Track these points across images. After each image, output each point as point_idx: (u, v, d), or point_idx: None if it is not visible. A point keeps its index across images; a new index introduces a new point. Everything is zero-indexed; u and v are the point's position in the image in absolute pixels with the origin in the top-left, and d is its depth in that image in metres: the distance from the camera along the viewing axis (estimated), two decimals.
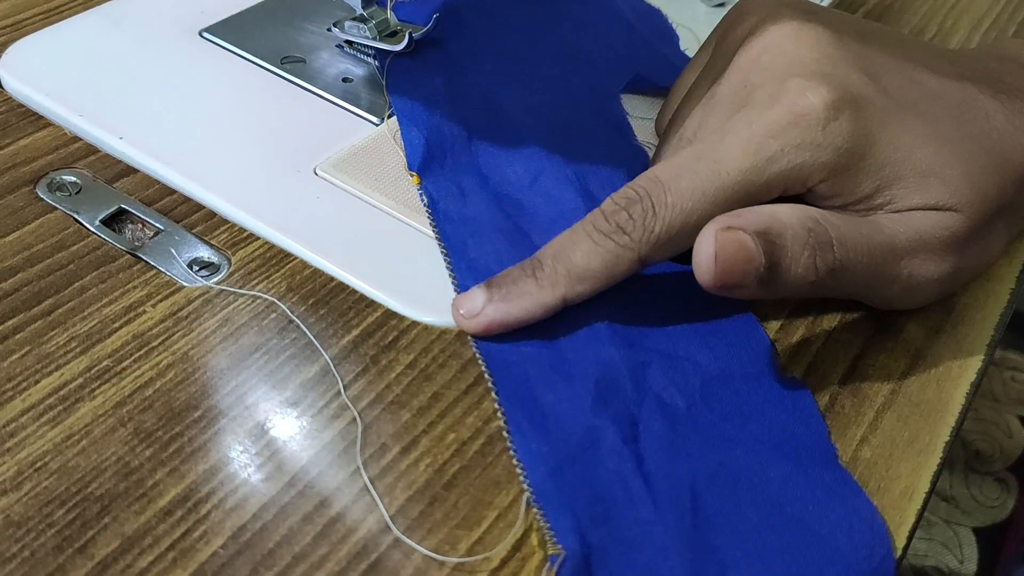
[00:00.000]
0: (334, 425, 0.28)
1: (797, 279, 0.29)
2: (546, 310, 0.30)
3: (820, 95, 0.29)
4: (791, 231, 0.28)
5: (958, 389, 0.31)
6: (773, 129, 0.29)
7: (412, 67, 0.39)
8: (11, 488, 0.25)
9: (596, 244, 0.29)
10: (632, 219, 0.29)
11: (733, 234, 0.27)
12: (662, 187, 0.29)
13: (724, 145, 0.30)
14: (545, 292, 0.30)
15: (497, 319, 0.29)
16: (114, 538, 0.24)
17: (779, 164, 0.29)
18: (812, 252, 0.29)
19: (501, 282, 0.30)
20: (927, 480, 0.28)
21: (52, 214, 0.33)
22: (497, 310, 0.29)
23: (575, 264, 0.30)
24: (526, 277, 0.30)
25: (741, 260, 0.27)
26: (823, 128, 0.29)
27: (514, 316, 0.29)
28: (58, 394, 0.27)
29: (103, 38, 0.40)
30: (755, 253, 0.28)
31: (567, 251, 0.30)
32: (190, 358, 0.29)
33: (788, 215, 0.29)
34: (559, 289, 0.30)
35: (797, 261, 0.28)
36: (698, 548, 0.25)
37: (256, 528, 0.25)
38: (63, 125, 0.36)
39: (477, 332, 0.30)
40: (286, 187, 0.35)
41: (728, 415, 0.28)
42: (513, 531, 0.25)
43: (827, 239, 0.29)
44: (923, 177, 0.30)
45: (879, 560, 0.25)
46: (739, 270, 0.28)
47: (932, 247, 0.30)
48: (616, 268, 0.29)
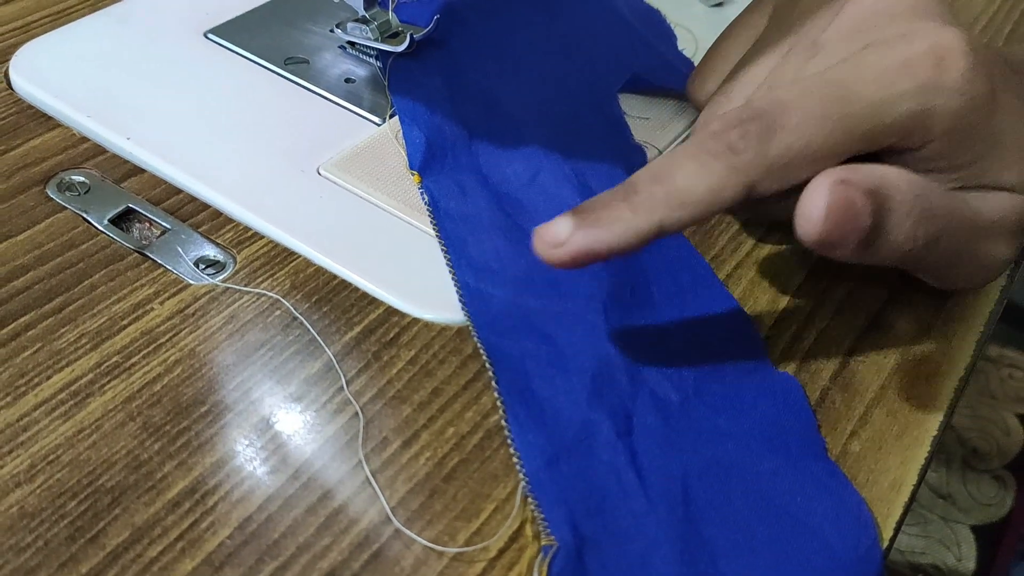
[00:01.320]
0: (337, 420, 0.28)
1: (895, 247, 0.27)
2: (640, 238, 0.26)
3: (960, 39, 0.27)
4: (900, 195, 0.27)
5: (947, 385, 0.32)
6: (910, 61, 0.27)
7: (413, 67, 0.40)
8: (25, 480, 0.26)
9: (702, 165, 0.26)
10: (746, 136, 0.26)
11: (847, 189, 0.25)
12: (784, 107, 0.27)
13: (856, 73, 0.27)
14: (640, 217, 0.26)
15: (585, 247, 0.26)
16: (124, 528, 0.25)
17: (911, 103, 0.27)
18: (916, 220, 0.27)
19: (591, 207, 0.27)
20: (915, 473, 0.29)
21: (62, 213, 0.34)
22: (586, 236, 0.26)
23: (676, 186, 0.26)
24: (619, 201, 0.27)
25: (851, 217, 0.26)
26: (961, 74, 0.27)
27: (604, 243, 0.26)
28: (69, 389, 0.28)
29: (110, 40, 0.41)
30: (864, 212, 0.26)
31: (667, 172, 0.27)
32: (197, 354, 0.30)
33: (898, 177, 0.27)
34: (656, 213, 0.26)
35: (901, 227, 0.27)
36: (689, 539, 0.25)
37: (262, 519, 0.26)
38: (72, 126, 0.37)
39: (564, 262, 0.26)
40: (290, 187, 0.35)
41: (720, 409, 0.29)
42: (510, 522, 0.26)
43: (930, 207, 0.27)
44: (1012, 155, 0.29)
45: (865, 550, 0.26)
46: (847, 228, 0.26)
47: (1009, 228, 0.30)
48: (722, 193, 0.26)
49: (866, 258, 0.27)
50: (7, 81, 0.39)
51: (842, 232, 0.26)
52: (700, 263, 0.34)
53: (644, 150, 0.39)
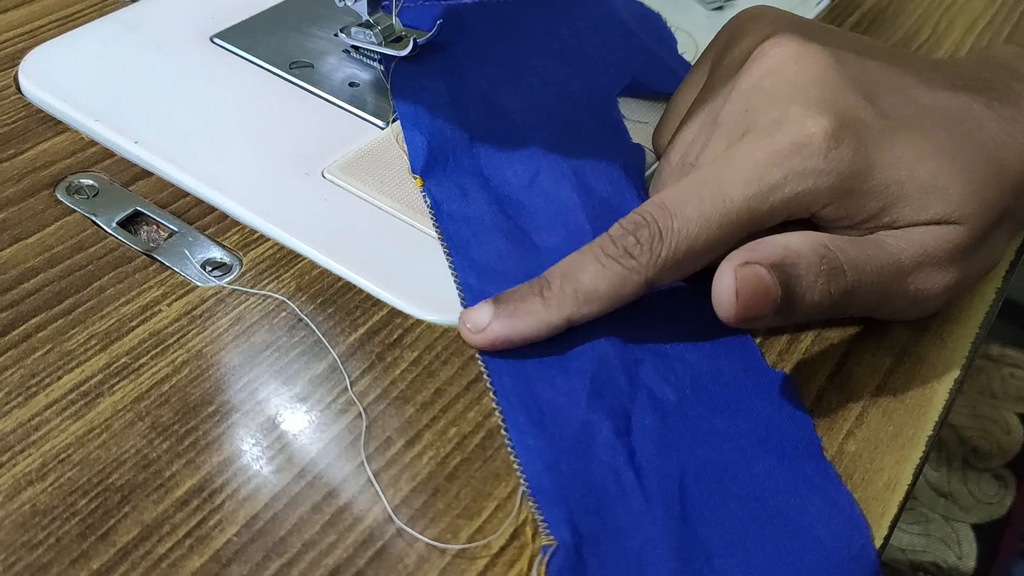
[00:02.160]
0: (341, 419, 0.29)
1: (812, 305, 0.30)
2: (551, 329, 0.30)
3: (820, 124, 0.30)
4: (804, 260, 0.29)
5: (942, 385, 0.32)
6: (776, 157, 0.30)
7: (416, 72, 0.40)
8: (37, 479, 0.26)
9: (603, 267, 0.30)
10: (639, 243, 0.30)
11: (751, 269, 0.28)
12: (668, 213, 0.30)
13: (728, 172, 0.30)
14: (551, 311, 0.30)
15: (503, 336, 0.30)
16: (134, 526, 0.26)
17: (782, 192, 0.30)
18: (826, 279, 0.29)
19: (509, 298, 0.30)
20: (909, 473, 0.29)
21: (71, 216, 0.34)
22: (503, 326, 0.30)
23: (582, 285, 0.30)
24: (533, 295, 0.30)
25: (760, 294, 0.28)
26: (824, 156, 0.30)
27: (519, 333, 0.30)
28: (79, 390, 0.29)
29: (118, 44, 0.41)
30: (772, 286, 0.28)
31: (575, 272, 0.30)
32: (204, 355, 0.30)
33: (799, 244, 0.30)
34: (565, 309, 0.30)
35: (812, 289, 0.29)
36: (685, 538, 0.26)
37: (268, 517, 0.26)
38: (80, 130, 0.37)
39: (482, 347, 0.30)
40: (295, 190, 0.36)
41: (717, 409, 0.29)
42: (511, 520, 0.27)
43: (838, 264, 0.30)
44: (927, 193, 0.31)
45: (858, 549, 0.26)
46: (758, 304, 0.28)
47: (937, 260, 0.31)
48: (623, 290, 0.30)
49: (787, 321, 0.31)
50: (16, 85, 0.39)
51: (756, 308, 0.29)
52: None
53: (643, 149, 0.39)
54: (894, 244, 0.31)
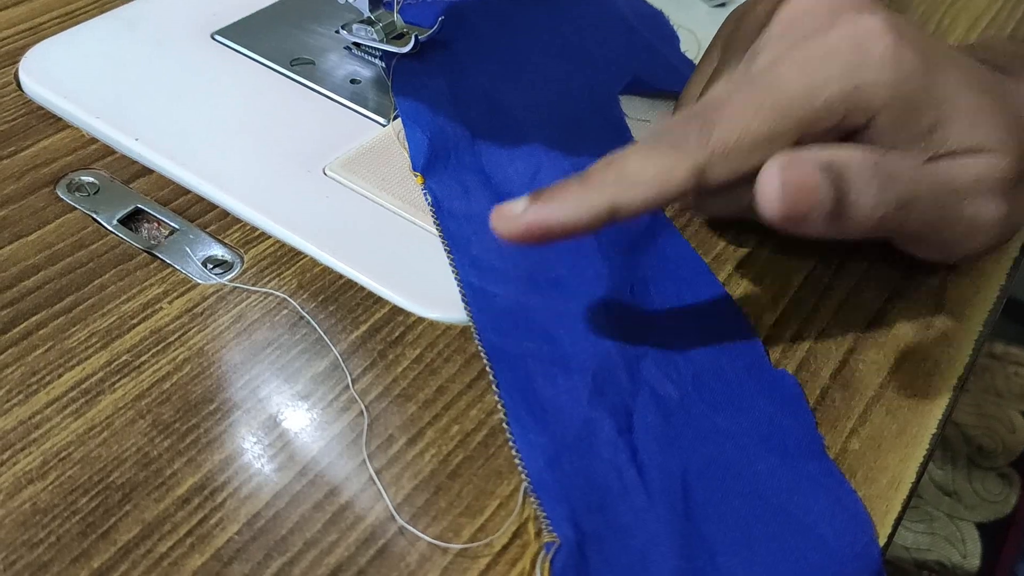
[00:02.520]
0: (343, 417, 0.29)
1: (867, 213, 0.28)
2: (591, 215, 0.27)
3: (878, 19, 0.29)
4: (856, 163, 0.28)
5: (946, 383, 0.32)
6: (834, 50, 0.28)
7: (417, 69, 0.40)
8: (37, 477, 0.26)
9: (650, 151, 0.28)
10: (688, 131, 0.28)
11: (799, 164, 0.27)
12: (717, 103, 0.28)
13: (781, 67, 0.29)
14: (592, 195, 0.27)
15: (539, 221, 0.27)
16: (135, 524, 0.26)
17: (839, 83, 0.28)
18: (882, 184, 0.28)
19: (549, 189, 0.28)
20: (914, 471, 0.29)
21: (71, 214, 0.34)
22: (539, 211, 0.27)
23: (627, 169, 0.28)
24: (572, 183, 0.28)
25: (807, 192, 0.27)
26: (884, 48, 0.28)
27: (557, 219, 0.27)
28: (80, 387, 0.29)
29: (118, 41, 0.41)
30: (822, 184, 0.27)
31: (619, 159, 0.28)
32: (205, 353, 0.30)
33: (852, 149, 0.28)
34: (607, 192, 0.27)
35: (867, 193, 0.28)
36: (688, 536, 0.26)
37: (269, 515, 0.26)
38: (81, 127, 0.37)
39: (518, 235, 0.27)
40: (296, 187, 0.36)
41: (719, 407, 0.29)
42: (513, 519, 0.27)
43: (895, 172, 0.28)
44: (975, 115, 0.30)
45: (862, 547, 0.26)
46: (806, 203, 0.27)
47: (989, 189, 0.30)
48: (670, 176, 0.28)
49: (843, 231, 0.28)
50: (17, 82, 0.39)
51: (804, 206, 0.27)
52: (699, 263, 0.35)
53: None
54: (947, 168, 0.30)
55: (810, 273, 0.35)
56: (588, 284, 0.32)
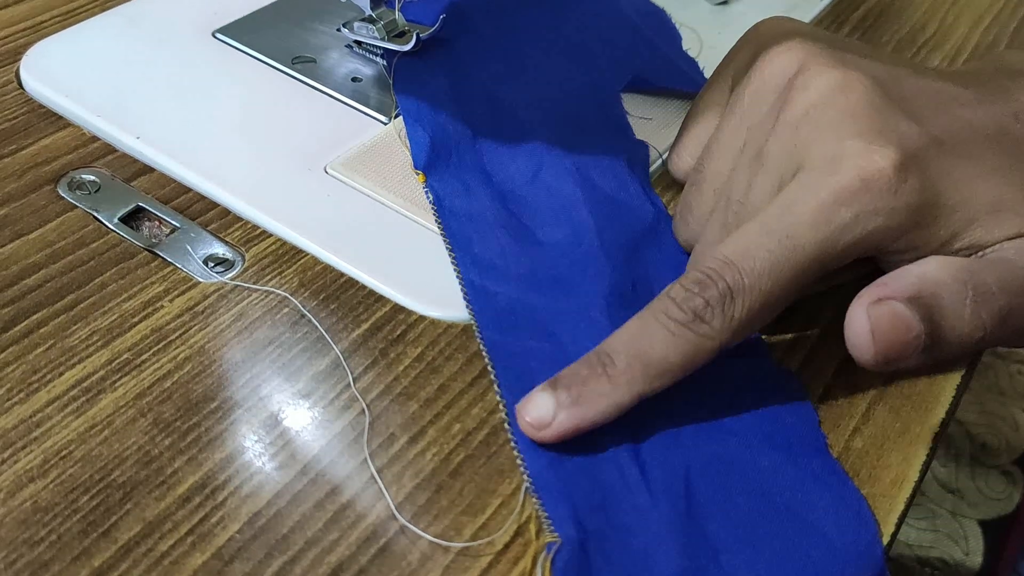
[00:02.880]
0: (344, 416, 0.29)
1: (964, 339, 0.28)
2: (620, 410, 0.27)
3: (887, 157, 0.28)
4: (946, 288, 0.27)
5: (949, 382, 0.32)
6: (843, 196, 0.28)
7: (418, 67, 0.40)
8: (38, 476, 0.26)
9: (674, 335, 0.28)
10: (710, 306, 0.28)
11: (886, 306, 0.27)
12: (736, 269, 0.28)
13: (793, 216, 0.28)
14: (621, 392, 0.27)
15: (571, 427, 0.27)
16: (136, 523, 0.25)
17: (854, 232, 0.28)
18: (974, 305, 0.27)
19: (570, 382, 0.28)
20: (916, 469, 0.29)
21: (72, 212, 0.34)
22: (571, 417, 0.27)
23: (652, 359, 0.27)
24: (597, 376, 0.27)
25: (901, 331, 0.27)
26: (896, 191, 0.28)
27: (589, 421, 0.27)
28: (81, 386, 0.29)
29: (120, 39, 0.41)
30: (913, 322, 0.27)
31: (641, 344, 0.28)
32: (206, 351, 0.30)
33: (936, 271, 0.28)
34: (635, 387, 0.27)
35: (961, 319, 0.27)
36: (691, 534, 0.26)
37: (270, 514, 0.26)
38: (82, 125, 0.37)
39: (552, 441, 0.27)
40: (297, 185, 0.36)
41: (721, 404, 0.29)
42: (514, 517, 0.26)
43: (986, 287, 0.28)
44: (994, 212, 0.29)
45: (866, 545, 0.26)
46: (899, 342, 0.27)
47: None
48: (696, 358, 0.28)
49: (938, 359, 0.28)
50: (18, 81, 0.39)
51: (897, 348, 0.27)
52: None
53: (647, 145, 0.39)
54: (1015, 256, 0.29)
55: None
56: (590, 282, 0.32)
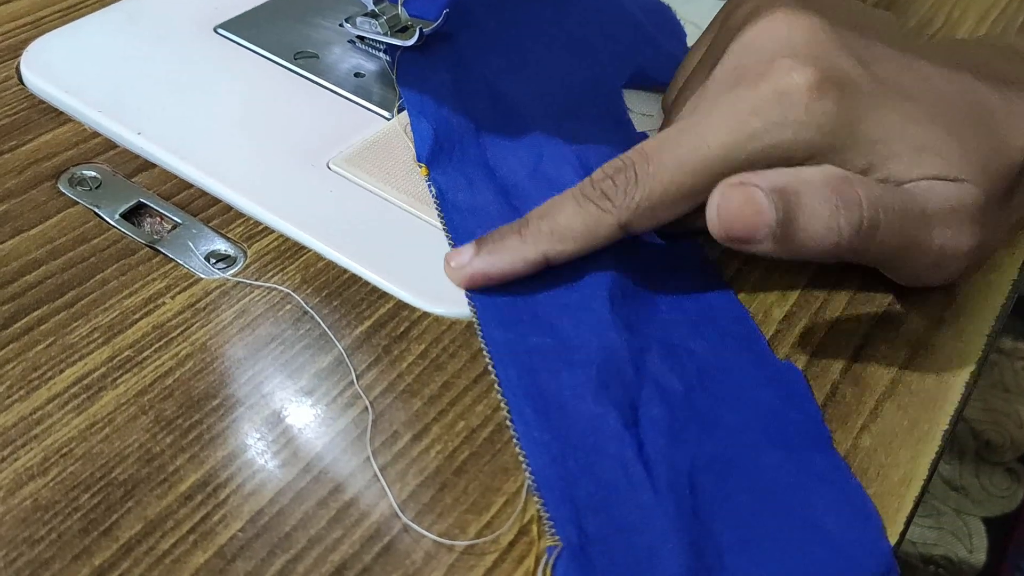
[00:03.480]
0: (347, 413, 0.28)
1: (817, 238, 0.29)
2: (527, 264, 0.31)
3: (804, 74, 0.30)
4: (812, 187, 0.28)
5: (957, 379, 0.32)
6: (756, 106, 0.30)
7: (421, 61, 0.40)
8: (38, 473, 0.26)
9: (580, 206, 0.31)
10: (616, 186, 0.31)
11: (741, 188, 0.28)
12: (646, 158, 0.31)
13: (709, 119, 0.31)
14: (528, 247, 0.31)
15: (481, 270, 0.31)
16: (137, 521, 0.25)
17: (760, 141, 0.30)
18: (835, 211, 0.28)
19: (490, 238, 0.32)
20: (925, 467, 0.29)
21: (73, 208, 0.34)
22: (482, 262, 0.31)
23: (558, 223, 0.31)
24: (512, 233, 0.31)
25: (749, 213, 0.28)
26: (806, 107, 0.30)
27: (497, 268, 0.31)
28: (82, 383, 0.28)
29: (121, 35, 0.41)
30: (765, 207, 0.28)
31: (553, 212, 0.31)
32: (208, 348, 0.30)
33: (812, 173, 0.29)
34: (541, 245, 0.31)
35: (818, 219, 0.28)
36: (696, 532, 0.25)
37: (273, 512, 0.26)
38: (83, 121, 0.37)
39: (463, 283, 0.31)
40: (300, 181, 0.35)
41: (724, 400, 0.29)
42: (518, 515, 0.26)
43: (853, 197, 0.29)
44: (918, 152, 0.30)
45: (871, 541, 0.26)
46: (747, 223, 0.28)
47: (962, 217, 0.30)
48: (597, 231, 0.31)
49: (792, 252, 0.29)
50: (19, 76, 0.39)
51: (744, 226, 0.28)
52: (702, 257, 0.34)
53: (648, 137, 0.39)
54: (921, 194, 0.30)
55: (819, 268, 0.35)
56: (592, 278, 0.32)
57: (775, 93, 0.30)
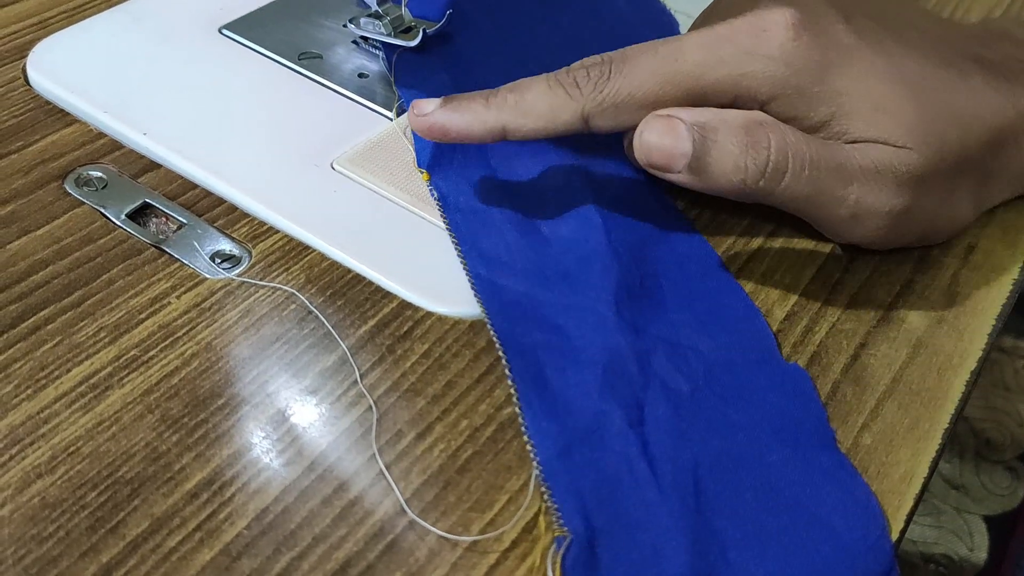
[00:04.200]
0: (351, 412, 0.29)
1: (725, 174, 0.30)
2: (485, 129, 0.32)
3: (783, 14, 0.31)
4: (729, 128, 0.30)
5: (958, 378, 0.32)
6: (732, 34, 0.31)
7: (419, 62, 0.40)
8: (46, 472, 0.26)
9: (549, 88, 0.32)
10: (588, 77, 0.31)
11: (666, 119, 0.30)
12: (624, 58, 0.32)
13: (688, 38, 0.32)
14: (490, 114, 0.32)
15: (439, 123, 0.32)
16: (144, 519, 0.26)
17: (728, 66, 0.31)
18: (744, 151, 0.30)
19: (457, 97, 0.32)
20: (926, 465, 0.29)
21: (80, 208, 0.34)
22: (444, 115, 0.32)
23: (525, 99, 0.32)
24: (479, 98, 0.32)
25: (668, 143, 0.30)
26: (780, 44, 0.31)
27: (454, 124, 0.32)
28: (89, 382, 0.29)
29: (126, 36, 0.41)
30: (684, 139, 0.30)
31: (522, 88, 0.32)
32: (213, 348, 0.30)
33: (734, 115, 0.30)
34: (503, 115, 0.32)
35: (727, 156, 0.30)
36: (700, 529, 0.26)
37: (278, 510, 0.26)
38: (89, 122, 0.37)
39: (420, 130, 0.32)
40: (304, 181, 0.35)
41: (730, 399, 0.29)
42: (522, 512, 0.26)
43: (764, 142, 0.30)
44: (876, 111, 0.31)
45: (875, 540, 0.26)
46: (665, 152, 0.30)
47: (887, 178, 0.31)
48: (559, 115, 0.32)
49: (706, 186, 0.31)
50: (25, 77, 0.39)
51: (661, 155, 0.30)
52: (710, 255, 0.34)
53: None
54: (846, 150, 0.31)
55: (821, 267, 0.35)
56: (598, 277, 0.32)
57: (753, 27, 0.31)
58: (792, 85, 0.31)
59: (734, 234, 0.36)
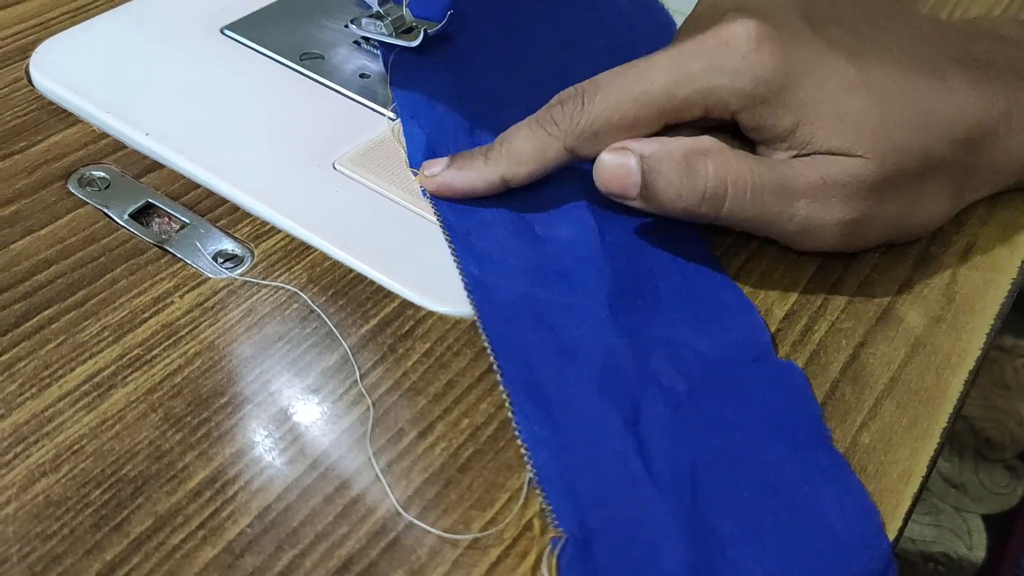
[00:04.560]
0: (353, 411, 0.29)
1: (670, 201, 0.32)
2: (487, 184, 0.34)
3: (747, 27, 0.32)
4: (671, 157, 0.31)
5: (956, 377, 0.32)
6: (700, 50, 0.32)
7: (416, 62, 0.40)
8: (50, 470, 0.27)
9: (531, 131, 0.34)
10: (564, 112, 0.33)
11: (620, 152, 0.32)
12: (596, 86, 0.33)
13: (656, 58, 0.33)
14: (488, 168, 0.34)
15: (447, 182, 0.34)
16: (147, 517, 0.26)
17: (697, 83, 0.32)
18: (682, 179, 0.31)
19: (461, 155, 0.35)
20: (924, 464, 0.29)
21: (83, 208, 0.34)
22: (450, 175, 0.34)
23: (513, 147, 0.34)
24: (480, 155, 0.34)
25: (621, 175, 0.32)
26: (743, 56, 0.31)
27: (459, 183, 0.34)
28: (92, 381, 0.29)
29: (128, 36, 0.41)
30: (634, 171, 0.31)
31: (510, 136, 0.34)
32: (216, 347, 0.30)
33: (678, 145, 0.32)
34: (499, 167, 0.34)
35: (670, 185, 0.31)
36: (698, 528, 0.26)
37: (280, 508, 0.26)
38: (91, 122, 0.38)
39: (430, 189, 0.34)
40: (306, 181, 0.36)
41: (727, 398, 0.29)
42: (519, 509, 0.27)
43: (702, 171, 0.31)
44: (841, 120, 0.31)
45: (872, 537, 0.26)
46: (620, 183, 0.32)
47: (835, 191, 0.32)
48: (546, 154, 0.33)
49: (659, 210, 0.32)
50: (28, 78, 0.39)
51: (617, 185, 0.32)
52: (708, 255, 0.35)
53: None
54: (792, 168, 0.32)
55: (820, 266, 0.35)
56: (594, 277, 0.32)
57: (718, 41, 0.32)
58: (759, 96, 0.32)
59: (733, 233, 0.36)
